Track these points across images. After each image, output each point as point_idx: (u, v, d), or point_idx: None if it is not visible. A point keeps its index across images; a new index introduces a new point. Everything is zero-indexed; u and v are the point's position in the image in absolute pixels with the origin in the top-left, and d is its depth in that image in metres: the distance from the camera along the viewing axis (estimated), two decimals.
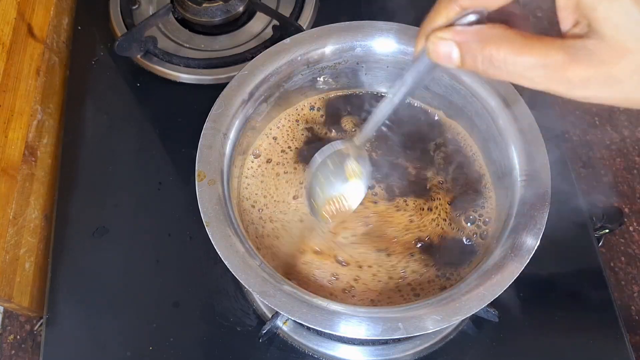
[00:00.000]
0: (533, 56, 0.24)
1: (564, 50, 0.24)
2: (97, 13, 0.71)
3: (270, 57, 0.48)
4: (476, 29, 0.25)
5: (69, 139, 0.63)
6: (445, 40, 0.26)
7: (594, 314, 0.55)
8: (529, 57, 0.24)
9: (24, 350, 0.68)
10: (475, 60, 0.25)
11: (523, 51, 0.24)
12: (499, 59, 0.24)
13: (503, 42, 0.24)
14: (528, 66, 0.24)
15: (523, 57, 0.24)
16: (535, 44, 0.24)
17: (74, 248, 0.57)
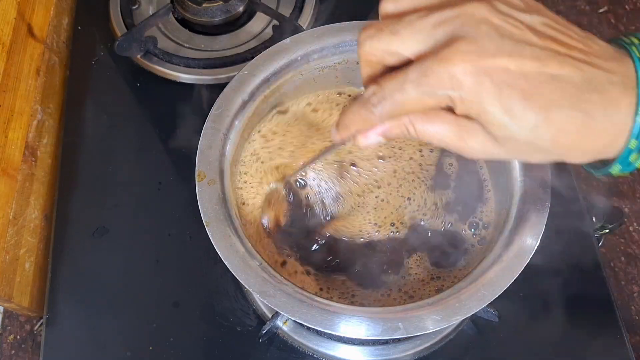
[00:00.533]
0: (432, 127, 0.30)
1: (454, 126, 0.29)
2: (97, 13, 0.71)
3: (270, 57, 0.48)
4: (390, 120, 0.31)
5: (69, 139, 0.63)
6: (372, 138, 0.32)
7: (594, 314, 0.55)
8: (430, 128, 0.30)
9: (24, 350, 0.68)
10: (398, 135, 0.31)
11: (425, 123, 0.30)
12: (411, 130, 0.30)
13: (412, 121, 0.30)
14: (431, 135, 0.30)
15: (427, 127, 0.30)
16: (434, 117, 0.29)
17: (74, 248, 0.57)
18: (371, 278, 0.45)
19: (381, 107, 0.30)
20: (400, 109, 0.29)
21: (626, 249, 0.83)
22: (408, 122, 0.30)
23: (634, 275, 0.80)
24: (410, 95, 0.28)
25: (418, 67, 0.28)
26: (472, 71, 0.26)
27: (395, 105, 0.29)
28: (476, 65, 0.26)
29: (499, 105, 0.27)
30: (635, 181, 0.89)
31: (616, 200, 0.88)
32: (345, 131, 0.32)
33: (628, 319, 0.77)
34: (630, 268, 0.80)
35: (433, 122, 0.29)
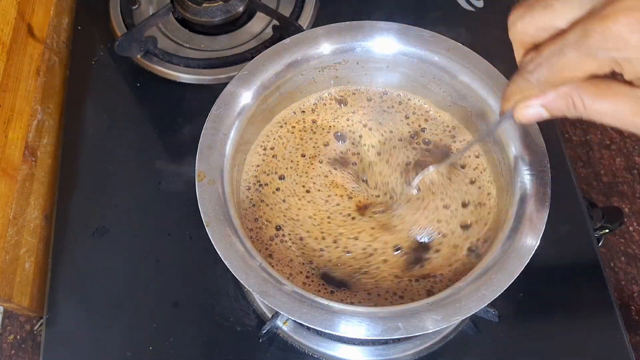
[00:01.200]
0: (604, 103, 0.27)
1: (631, 99, 0.27)
2: (97, 13, 0.71)
3: (270, 57, 0.48)
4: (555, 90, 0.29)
5: (69, 139, 0.63)
6: (533, 107, 0.30)
7: (594, 314, 0.55)
8: (601, 104, 0.27)
9: (24, 350, 0.68)
10: (561, 111, 0.29)
11: (596, 98, 0.27)
12: (579, 105, 0.28)
13: (579, 92, 0.28)
14: (602, 112, 0.27)
15: (598, 103, 0.27)
16: (606, 91, 0.27)
17: (74, 248, 0.57)
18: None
19: (538, 73, 0.28)
20: (559, 75, 0.27)
21: (626, 249, 0.83)
22: (577, 95, 0.28)
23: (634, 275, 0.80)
24: (570, 58, 0.26)
25: (578, 28, 0.26)
26: (638, 27, 0.24)
27: (553, 70, 0.27)
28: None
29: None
30: (635, 181, 0.89)
31: (616, 200, 0.88)
32: (506, 103, 0.31)
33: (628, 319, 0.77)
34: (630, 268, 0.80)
35: (606, 97, 0.27)
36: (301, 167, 0.49)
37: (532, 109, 0.30)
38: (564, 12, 0.27)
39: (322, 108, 0.52)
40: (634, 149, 0.92)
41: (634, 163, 0.91)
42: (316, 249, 0.45)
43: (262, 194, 0.48)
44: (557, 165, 0.45)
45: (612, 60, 0.25)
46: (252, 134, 0.49)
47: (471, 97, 0.47)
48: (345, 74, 0.51)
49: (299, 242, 0.46)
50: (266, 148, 0.50)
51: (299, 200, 0.48)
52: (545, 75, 0.28)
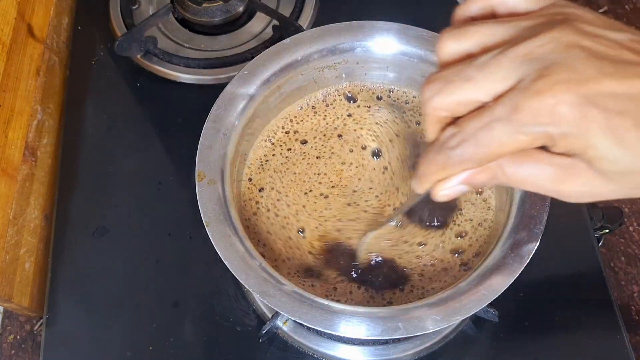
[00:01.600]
0: (525, 170, 0.26)
1: (552, 167, 0.26)
2: (97, 13, 0.71)
3: (270, 57, 0.48)
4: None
5: (69, 139, 0.63)
6: (455, 185, 0.28)
7: (594, 314, 0.55)
8: (522, 171, 0.26)
9: (24, 350, 0.68)
10: (484, 183, 0.28)
11: (516, 166, 0.26)
12: (500, 175, 0.27)
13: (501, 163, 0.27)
14: (523, 180, 0.27)
15: (518, 170, 0.26)
16: (526, 160, 0.26)
17: (74, 248, 0.57)
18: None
19: (461, 151, 0.26)
20: (486, 151, 0.26)
21: (626, 249, 0.83)
22: (496, 165, 0.27)
23: (634, 275, 0.80)
24: (499, 134, 0.25)
25: (507, 103, 0.24)
26: (575, 101, 0.23)
27: (480, 147, 0.25)
28: (579, 94, 0.23)
29: (611, 137, 0.23)
30: None
31: (616, 201, 0.88)
32: (424, 182, 0.29)
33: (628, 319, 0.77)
34: (630, 268, 0.80)
35: (526, 164, 0.26)
36: (301, 167, 0.49)
37: (454, 188, 0.28)
38: (488, 86, 0.25)
39: (322, 108, 0.52)
40: None
41: None
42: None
43: (261, 194, 0.48)
44: None
45: (545, 135, 0.24)
46: (252, 134, 0.49)
47: None
48: (346, 74, 0.51)
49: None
50: (266, 148, 0.50)
51: (299, 200, 0.48)
52: (471, 152, 0.26)
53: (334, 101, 0.52)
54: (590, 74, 0.23)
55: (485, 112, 0.25)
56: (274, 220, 0.47)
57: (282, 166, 0.49)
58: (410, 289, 0.44)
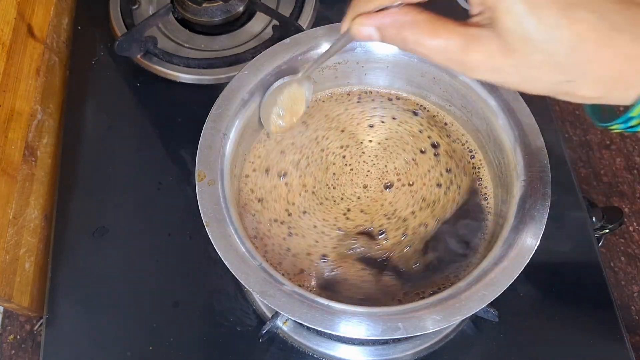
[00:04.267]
0: (436, 40, 0.27)
1: (461, 37, 0.26)
2: (97, 13, 0.71)
3: (270, 57, 0.48)
4: (392, 15, 0.29)
5: (68, 139, 0.63)
6: (367, 26, 0.30)
7: (594, 314, 0.55)
8: (433, 40, 0.27)
9: (24, 350, 0.68)
10: (393, 40, 0.29)
11: (429, 35, 0.27)
12: (411, 40, 0.28)
13: (414, 27, 0.28)
14: (433, 48, 0.27)
15: (429, 40, 0.27)
16: (440, 28, 0.27)
17: (74, 248, 0.57)
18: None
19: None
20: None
21: (626, 249, 0.83)
22: (410, 30, 0.28)
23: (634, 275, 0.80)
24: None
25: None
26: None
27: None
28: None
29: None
30: (635, 181, 0.89)
31: (616, 201, 0.88)
32: (345, 21, 0.31)
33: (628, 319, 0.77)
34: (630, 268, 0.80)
35: (439, 35, 0.27)
36: (301, 167, 0.49)
37: (365, 28, 0.30)
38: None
39: (323, 108, 0.52)
40: (634, 149, 0.92)
41: (634, 163, 0.91)
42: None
43: (262, 194, 0.48)
44: (557, 165, 0.45)
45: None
46: (252, 134, 0.49)
47: (471, 97, 0.47)
48: (346, 74, 0.51)
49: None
50: (267, 147, 0.50)
51: (299, 199, 0.48)
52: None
53: (334, 101, 0.52)
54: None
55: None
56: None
57: (282, 166, 0.49)
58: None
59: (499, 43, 0.26)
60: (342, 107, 0.52)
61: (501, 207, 0.45)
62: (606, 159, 0.91)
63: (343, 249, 0.45)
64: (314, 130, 0.51)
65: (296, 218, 0.47)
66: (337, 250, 0.45)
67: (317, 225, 0.46)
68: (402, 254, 0.45)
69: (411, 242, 0.46)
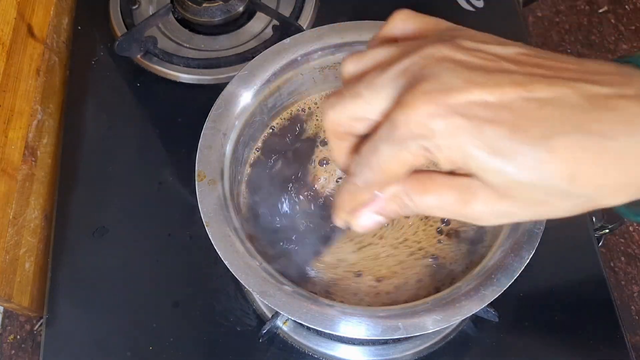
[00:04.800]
0: (428, 197, 0.26)
1: (452, 190, 0.25)
2: (97, 13, 0.71)
3: (270, 57, 0.48)
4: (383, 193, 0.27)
5: (69, 139, 0.63)
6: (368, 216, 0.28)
7: (594, 314, 0.55)
8: (426, 198, 0.26)
9: (24, 350, 0.68)
10: (397, 212, 0.27)
11: (420, 194, 0.26)
12: (411, 205, 0.27)
13: (407, 192, 0.26)
14: (430, 206, 0.26)
15: (422, 199, 0.26)
16: (429, 185, 0.26)
17: (74, 248, 0.57)
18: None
19: (362, 176, 0.26)
20: (380, 174, 0.25)
21: (626, 249, 0.83)
22: (404, 195, 0.26)
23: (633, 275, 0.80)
24: (385, 154, 0.24)
25: (387, 121, 0.24)
26: (439, 112, 0.22)
27: (374, 170, 0.25)
28: (442, 104, 0.22)
29: (484, 146, 0.22)
30: None
31: None
32: (340, 214, 0.28)
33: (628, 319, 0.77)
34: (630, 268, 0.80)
35: (430, 190, 0.26)
36: (301, 167, 0.49)
37: (368, 218, 0.28)
38: (374, 103, 0.25)
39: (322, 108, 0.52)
40: None
41: None
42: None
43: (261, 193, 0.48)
44: None
45: (423, 149, 0.23)
46: (252, 134, 0.49)
47: None
48: None
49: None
50: (266, 147, 0.50)
51: (298, 199, 0.48)
52: (369, 176, 0.26)
53: None
54: (455, 83, 0.23)
55: (374, 134, 0.25)
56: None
57: (282, 166, 0.49)
58: None
59: (490, 190, 0.24)
60: None
61: None
62: None
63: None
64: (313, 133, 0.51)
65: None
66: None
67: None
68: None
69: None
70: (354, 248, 0.46)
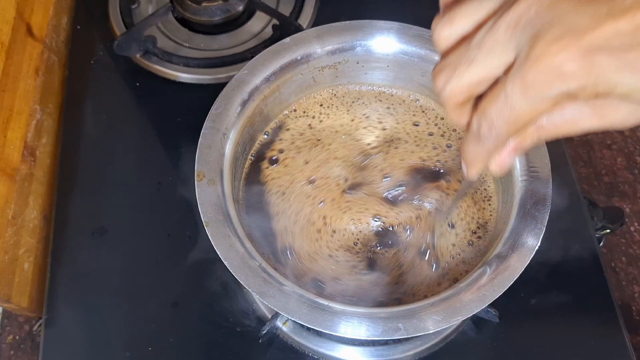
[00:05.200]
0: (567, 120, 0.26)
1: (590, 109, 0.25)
2: (96, 12, 0.71)
3: (270, 56, 0.48)
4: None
5: (68, 138, 0.63)
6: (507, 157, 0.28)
7: (595, 314, 0.55)
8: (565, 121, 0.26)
9: (23, 351, 0.68)
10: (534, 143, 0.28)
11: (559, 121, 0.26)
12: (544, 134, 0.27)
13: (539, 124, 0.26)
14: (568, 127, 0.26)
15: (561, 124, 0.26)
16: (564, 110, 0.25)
17: (73, 248, 0.57)
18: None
19: (495, 135, 0.26)
20: (516, 126, 0.26)
21: (627, 249, 0.82)
22: (534, 128, 0.26)
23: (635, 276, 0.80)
24: (521, 109, 0.25)
25: (515, 77, 0.24)
26: (578, 56, 0.22)
27: (509, 126, 0.26)
28: (579, 47, 0.22)
29: (631, 72, 0.22)
30: (636, 181, 0.89)
31: (617, 201, 0.88)
32: (474, 168, 0.30)
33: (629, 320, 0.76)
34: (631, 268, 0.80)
35: (563, 112, 0.26)
36: (301, 167, 0.49)
37: (507, 159, 0.28)
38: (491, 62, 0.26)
39: (323, 108, 0.52)
40: (635, 148, 0.92)
41: (635, 163, 0.91)
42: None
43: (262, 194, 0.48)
44: (558, 165, 0.45)
45: (564, 94, 0.24)
46: (251, 133, 0.49)
47: None
48: (346, 74, 0.51)
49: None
50: (266, 147, 0.50)
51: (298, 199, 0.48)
52: (503, 133, 0.26)
53: (334, 101, 0.52)
54: (584, 23, 0.22)
55: (500, 93, 0.25)
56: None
57: (282, 166, 0.49)
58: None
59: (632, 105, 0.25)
60: (344, 108, 0.52)
61: (502, 207, 0.45)
62: (607, 158, 0.91)
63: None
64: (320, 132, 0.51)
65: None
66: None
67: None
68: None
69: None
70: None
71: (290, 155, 0.50)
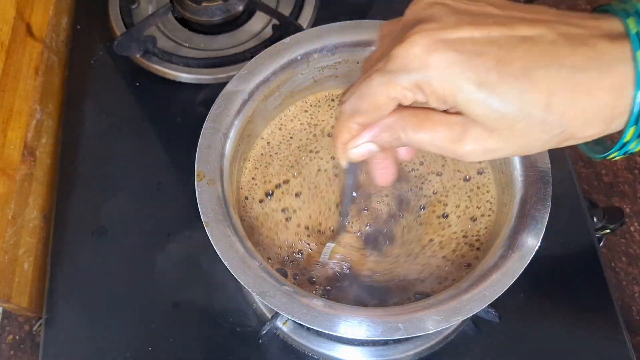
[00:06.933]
0: (422, 132, 0.28)
1: (446, 127, 0.27)
2: (96, 12, 0.71)
3: (270, 56, 0.48)
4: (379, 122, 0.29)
5: (68, 138, 0.63)
6: (362, 146, 0.30)
7: (595, 314, 0.55)
8: (419, 134, 0.28)
9: (23, 351, 0.68)
10: (390, 142, 0.29)
11: (414, 129, 0.28)
12: (403, 137, 0.29)
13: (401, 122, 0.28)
14: (422, 141, 0.28)
15: (416, 133, 0.28)
16: (424, 121, 0.28)
17: (73, 248, 0.57)
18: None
19: (350, 103, 0.28)
20: (368, 102, 0.28)
21: (627, 249, 0.82)
22: (399, 127, 0.28)
23: (635, 276, 0.80)
24: (376, 84, 0.27)
25: (385, 56, 0.27)
26: (434, 46, 0.25)
27: (363, 98, 0.28)
28: (438, 39, 0.25)
29: (473, 78, 0.25)
30: (636, 181, 0.89)
31: (617, 200, 0.88)
32: (337, 147, 0.31)
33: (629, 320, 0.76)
34: (632, 268, 0.80)
35: (424, 127, 0.28)
36: (301, 167, 0.49)
37: (362, 147, 0.30)
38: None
39: (323, 108, 0.52)
40: None
41: (635, 163, 0.91)
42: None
43: (261, 194, 0.48)
44: (558, 165, 0.45)
45: (414, 83, 0.26)
46: (251, 133, 0.49)
47: None
48: (346, 74, 0.51)
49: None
50: (266, 147, 0.50)
51: (298, 199, 0.48)
52: (357, 103, 0.28)
53: (334, 100, 0.52)
54: (450, 22, 0.25)
55: (372, 68, 0.27)
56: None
57: (281, 166, 0.49)
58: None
59: (480, 127, 0.26)
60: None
61: (502, 207, 0.45)
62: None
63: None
64: (319, 127, 0.51)
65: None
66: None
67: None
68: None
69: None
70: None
71: (289, 154, 0.50)
